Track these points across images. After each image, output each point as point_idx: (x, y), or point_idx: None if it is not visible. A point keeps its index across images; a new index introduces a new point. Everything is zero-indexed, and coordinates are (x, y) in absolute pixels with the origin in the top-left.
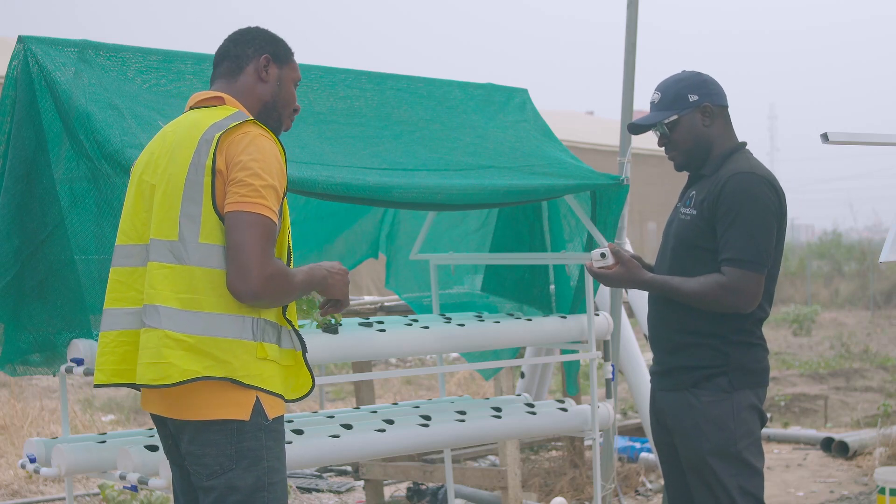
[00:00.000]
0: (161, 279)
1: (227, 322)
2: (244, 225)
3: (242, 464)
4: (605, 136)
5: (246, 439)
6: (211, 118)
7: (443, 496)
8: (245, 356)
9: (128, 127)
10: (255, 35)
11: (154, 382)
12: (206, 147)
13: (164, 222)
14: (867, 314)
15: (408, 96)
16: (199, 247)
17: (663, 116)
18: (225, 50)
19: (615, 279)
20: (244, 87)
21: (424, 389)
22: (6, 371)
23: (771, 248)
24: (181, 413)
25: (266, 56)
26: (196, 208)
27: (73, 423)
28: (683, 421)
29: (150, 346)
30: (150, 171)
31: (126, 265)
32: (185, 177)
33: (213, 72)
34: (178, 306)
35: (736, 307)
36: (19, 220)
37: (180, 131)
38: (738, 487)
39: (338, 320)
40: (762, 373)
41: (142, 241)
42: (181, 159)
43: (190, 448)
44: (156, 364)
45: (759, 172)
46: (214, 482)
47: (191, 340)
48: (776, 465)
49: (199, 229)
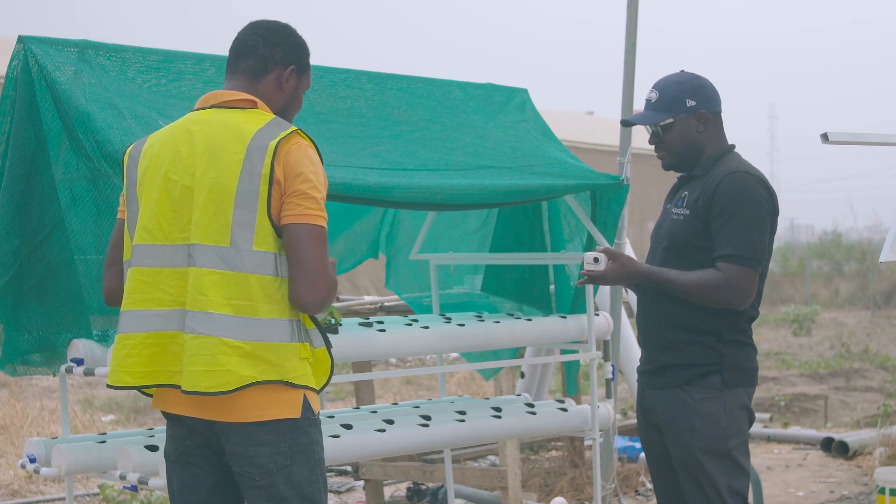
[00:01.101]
0: (211, 285)
1: (279, 327)
2: (311, 238)
3: (298, 459)
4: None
5: (299, 435)
6: (252, 123)
7: (443, 496)
8: (294, 358)
9: (128, 127)
10: (284, 38)
11: (212, 390)
12: (260, 155)
13: (211, 228)
14: (867, 314)
15: (408, 96)
16: (254, 254)
17: (659, 118)
18: (252, 45)
19: (610, 277)
20: (264, 91)
21: (424, 389)
22: (6, 371)
23: (765, 245)
24: (230, 415)
25: (292, 67)
26: (251, 216)
27: (73, 423)
28: (675, 418)
29: (204, 353)
30: (179, 170)
31: (151, 265)
32: (237, 184)
33: (234, 62)
34: (232, 313)
35: (730, 303)
36: (18, 219)
37: (216, 132)
38: (727, 486)
39: (338, 320)
40: (753, 372)
41: (169, 242)
42: (227, 165)
43: (240, 449)
44: (212, 371)
45: (752, 172)
46: (270, 480)
47: (247, 347)
48: (776, 465)
49: (253, 237)
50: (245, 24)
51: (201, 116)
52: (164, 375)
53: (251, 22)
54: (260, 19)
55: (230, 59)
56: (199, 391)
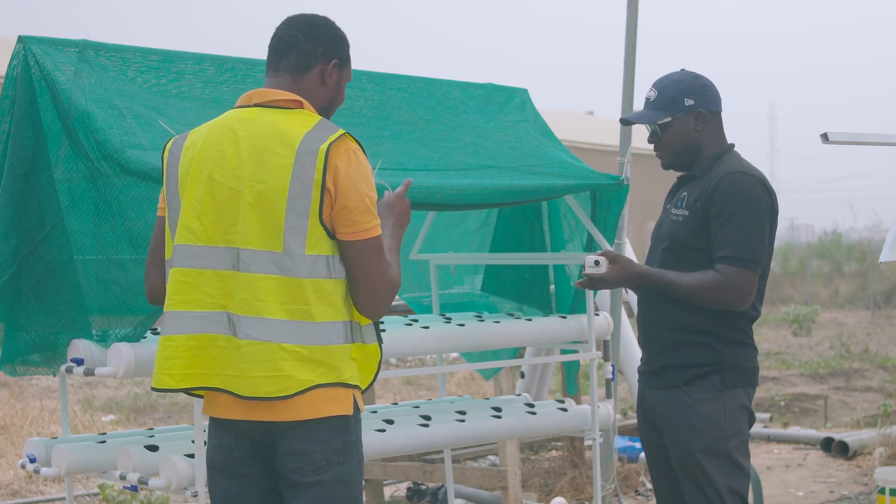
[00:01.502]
0: (266, 291)
1: (335, 329)
2: (372, 251)
3: (349, 457)
4: (605, 136)
5: (349, 433)
6: (299, 125)
7: (443, 496)
8: (348, 359)
9: (128, 127)
10: (324, 32)
11: (272, 395)
12: (311, 160)
13: (263, 233)
14: (867, 314)
15: (408, 96)
16: (307, 258)
17: (657, 117)
18: (293, 40)
19: (611, 279)
20: (307, 87)
21: (424, 389)
22: (6, 371)
23: (764, 246)
24: (288, 416)
25: (335, 62)
26: (303, 221)
27: (73, 423)
28: (675, 419)
29: (263, 358)
30: (225, 172)
31: (193, 266)
32: (288, 189)
33: (275, 59)
34: (288, 317)
35: (729, 304)
36: (17, 219)
37: (262, 134)
38: (726, 486)
39: None
40: (753, 373)
41: (212, 243)
42: (276, 169)
43: (295, 446)
44: (272, 377)
45: (751, 172)
46: (321, 477)
47: (304, 351)
48: (776, 465)
49: (305, 241)
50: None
51: (245, 115)
52: (207, 378)
53: (289, 17)
54: (297, 14)
55: (270, 57)
56: (258, 397)
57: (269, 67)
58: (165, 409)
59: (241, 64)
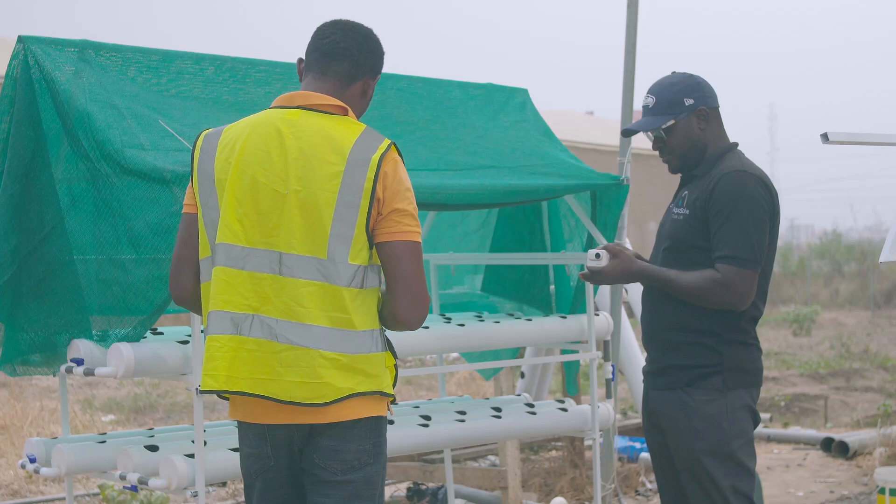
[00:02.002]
0: (308, 297)
1: (372, 338)
2: (412, 255)
3: (378, 458)
4: (605, 136)
5: (379, 435)
6: (348, 133)
7: (443, 496)
8: (382, 367)
9: (128, 127)
10: (374, 47)
11: (310, 401)
12: (362, 169)
13: (308, 238)
14: (867, 314)
15: (408, 96)
16: (349, 267)
17: (660, 122)
18: (346, 49)
19: (610, 274)
20: (351, 97)
21: (424, 389)
22: (6, 371)
23: (764, 245)
24: (325, 417)
25: (377, 78)
26: (349, 229)
27: (73, 423)
28: (677, 420)
29: (303, 364)
30: (270, 174)
31: (232, 266)
32: (338, 196)
33: (325, 62)
34: (329, 325)
35: (729, 304)
36: (17, 219)
37: (308, 139)
38: (730, 487)
39: None
40: (756, 373)
41: (251, 245)
42: (325, 175)
43: (329, 443)
44: (310, 383)
45: (751, 171)
46: (351, 476)
47: (344, 359)
48: (776, 465)
49: (349, 250)
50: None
51: (290, 117)
52: (239, 383)
53: (340, 21)
54: (347, 21)
55: (319, 58)
56: (298, 402)
57: (315, 68)
58: (165, 409)
59: (240, 64)
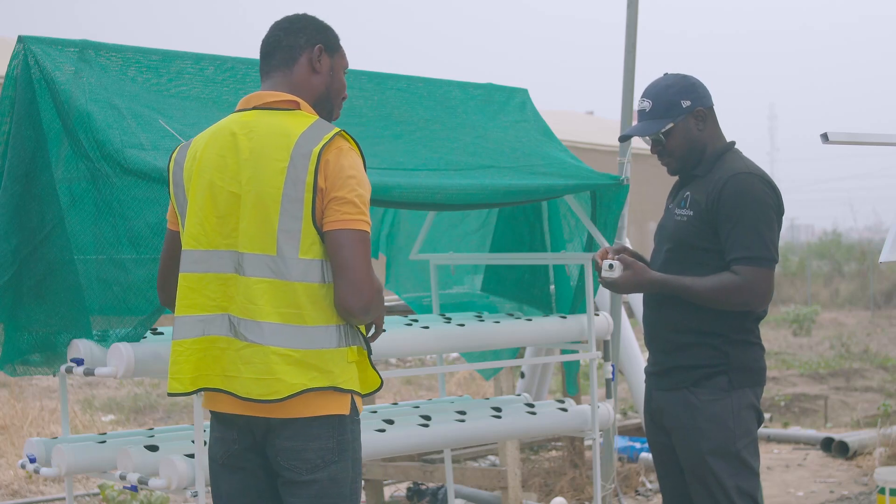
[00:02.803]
0: (260, 294)
1: (327, 333)
2: (353, 243)
3: (344, 456)
4: (605, 136)
5: (345, 433)
6: (295, 126)
7: (443, 496)
8: (342, 363)
9: (128, 127)
10: (304, 24)
11: (263, 398)
12: (304, 162)
13: (259, 236)
14: (867, 314)
15: (408, 96)
16: (300, 262)
17: (659, 126)
18: (275, 40)
19: (623, 285)
20: (299, 79)
21: (424, 389)
22: (6, 371)
23: (776, 243)
24: (283, 413)
25: (319, 46)
26: (296, 224)
27: (73, 423)
28: (682, 420)
29: (256, 361)
30: (225, 176)
31: (195, 271)
32: (283, 192)
33: (265, 62)
34: (281, 321)
35: (749, 305)
36: (18, 219)
37: (259, 137)
38: (735, 487)
39: None
40: (760, 372)
41: (213, 247)
42: (271, 172)
43: (290, 444)
44: (264, 380)
45: (755, 172)
46: (316, 475)
47: (296, 355)
48: (776, 465)
49: (298, 245)
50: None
51: (244, 119)
52: (209, 380)
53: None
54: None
55: (261, 63)
56: (252, 398)
57: (262, 72)
58: (165, 409)
59: (240, 64)
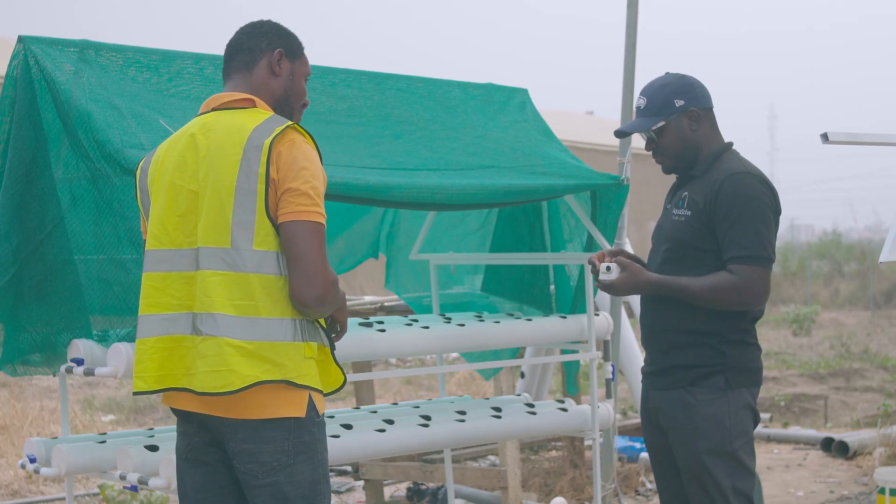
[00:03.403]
0: (215, 287)
1: (282, 326)
2: (306, 234)
3: (301, 458)
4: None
5: (303, 434)
6: (250, 122)
7: (443, 496)
8: (297, 357)
9: (128, 127)
10: (267, 28)
11: (217, 390)
12: (256, 154)
13: (213, 230)
14: (867, 314)
15: (408, 96)
16: (254, 254)
17: (650, 123)
18: (238, 43)
19: (621, 287)
20: (258, 80)
21: (424, 389)
22: (6, 371)
23: (773, 242)
24: (237, 413)
25: (279, 50)
26: (249, 216)
27: (73, 423)
28: (679, 420)
29: (210, 353)
30: (185, 175)
31: (158, 270)
32: (235, 184)
33: (227, 65)
34: (235, 313)
35: (747, 304)
36: (18, 219)
37: (216, 135)
38: (731, 487)
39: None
40: (757, 372)
41: (175, 247)
42: (226, 166)
43: (244, 446)
44: (218, 372)
45: (752, 172)
46: (273, 478)
47: (250, 346)
48: (776, 465)
49: (252, 236)
50: (243, 22)
51: (204, 120)
52: (175, 379)
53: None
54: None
55: (224, 66)
56: (206, 392)
57: (223, 75)
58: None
59: None
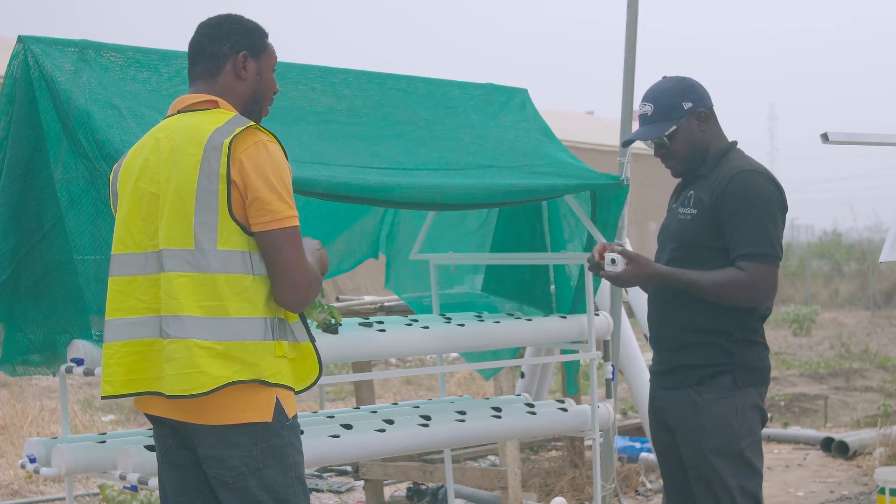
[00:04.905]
0: (180, 288)
1: (252, 325)
2: (284, 242)
3: (270, 462)
4: (605, 136)
5: (271, 438)
6: (211, 123)
7: (443, 496)
8: (268, 356)
9: (128, 127)
10: (228, 29)
11: (187, 393)
12: (216, 154)
13: (176, 231)
14: (867, 314)
15: (408, 96)
16: (218, 254)
17: (663, 129)
18: (200, 47)
19: (626, 278)
20: (224, 86)
21: (424, 389)
22: (6, 371)
23: (781, 240)
24: (203, 418)
25: (244, 53)
26: (212, 216)
27: (73, 423)
28: (686, 419)
29: (179, 356)
30: (147, 179)
31: (124, 274)
32: (197, 184)
33: (190, 69)
34: (202, 314)
35: (754, 301)
36: (16, 219)
37: (178, 137)
38: (738, 487)
39: (338, 320)
40: (765, 371)
41: (140, 250)
42: (187, 166)
43: (213, 452)
44: (187, 374)
45: (759, 170)
46: (243, 483)
47: (219, 347)
48: (776, 465)
49: (216, 237)
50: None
51: (168, 123)
52: (145, 383)
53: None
54: (205, 19)
55: (188, 67)
56: (176, 395)
57: (189, 76)
58: None
59: None
